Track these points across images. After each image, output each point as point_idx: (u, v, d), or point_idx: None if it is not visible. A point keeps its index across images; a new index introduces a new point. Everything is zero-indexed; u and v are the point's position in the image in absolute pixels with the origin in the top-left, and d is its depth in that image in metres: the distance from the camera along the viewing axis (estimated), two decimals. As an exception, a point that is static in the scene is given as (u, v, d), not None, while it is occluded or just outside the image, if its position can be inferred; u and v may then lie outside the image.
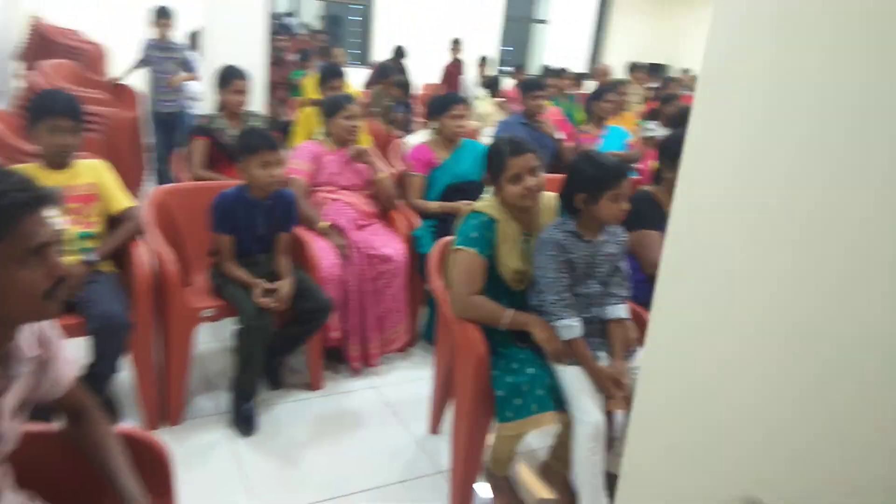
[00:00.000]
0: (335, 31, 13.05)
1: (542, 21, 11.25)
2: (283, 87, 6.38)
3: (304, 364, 2.93)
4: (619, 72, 8.19)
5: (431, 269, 2.44)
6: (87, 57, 6.28)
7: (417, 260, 3.20)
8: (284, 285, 2.57)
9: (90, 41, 7.10)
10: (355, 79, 7.83)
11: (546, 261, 2.09)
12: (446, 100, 3.45)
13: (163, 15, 5.59)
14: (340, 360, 3.07)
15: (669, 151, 2.59)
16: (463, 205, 3.26)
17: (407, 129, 5.73)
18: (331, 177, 3.18)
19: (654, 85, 8.83)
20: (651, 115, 5.99)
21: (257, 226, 2.67)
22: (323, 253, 2.90)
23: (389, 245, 3.06)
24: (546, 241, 2.10)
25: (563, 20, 8.19)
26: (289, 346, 2.79)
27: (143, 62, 5.70)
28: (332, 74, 4.01)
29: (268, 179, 2.57)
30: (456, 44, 7.71)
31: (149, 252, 2.50)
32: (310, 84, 5.38)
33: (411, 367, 3.18)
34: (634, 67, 8.28)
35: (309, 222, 3.04)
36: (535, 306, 2.19)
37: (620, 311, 2.18)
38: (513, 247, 2.22)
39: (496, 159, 2.22)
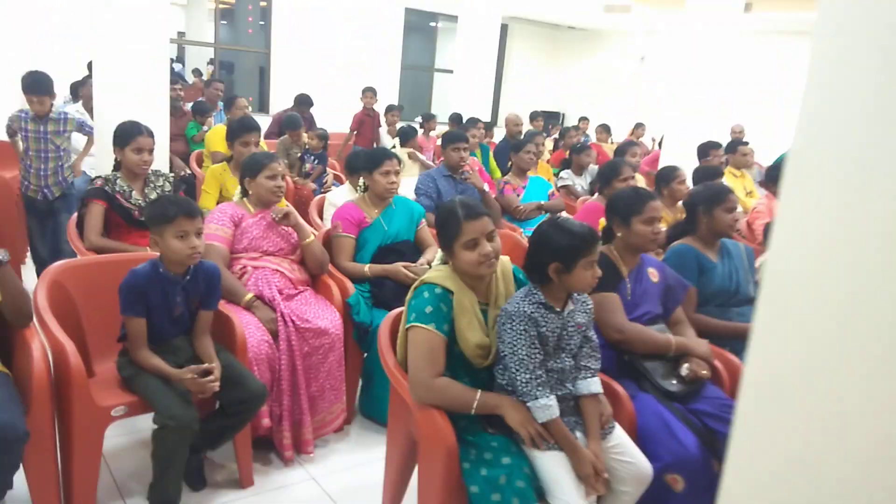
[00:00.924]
0: (229, 79, 12.62)
1: (447, 71, 11.36)
2: (180, 139, 5.96)
3: (232, 458, 2.57)
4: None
5: (382, 347, 2.20)
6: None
7: (352, 329, 2.94)
8: (215, 369, 2.25)
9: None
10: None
11: (516, 336, 1.91)
12: (376, 155, 3.26)
13: (36, 89, 3.88)
14: (271, 449, 2.73)
15: (617, 209, 2.51)
16: (401, 266, 3.06)
17: (320, 183, 5.47)
18: (253, 242, 2.88)
19: (554, 135, 9.06)
20: (563, 165, 6.07)
21: (175, 305, 2.33)
22: (250, 330, 2.59)
23: (323, 316, 2.79)
24: (514, 315, 1.93)
25: (466, 69, 8.22)
26: (214, 442, 2.44)
27: (9, 135, 4.36)
28: (245, 128, 3.70)
29: (187, 252, 2.26)
30: (369, 92, 7.54)
31: (43, 344, 2.11)
32: (215, 138, 5.03)
33: (352, 448, 2.89)
34: (535, 116, 8.44)
35: (231, 295, 2.72)
36: (503, 385, 2.00)
37: (594, 385, 2.03)
38: (472, 319, 2.03)
39: (449, 224, 2.04)
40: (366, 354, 3.02)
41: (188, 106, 7.13)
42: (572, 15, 12.80)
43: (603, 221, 3.57)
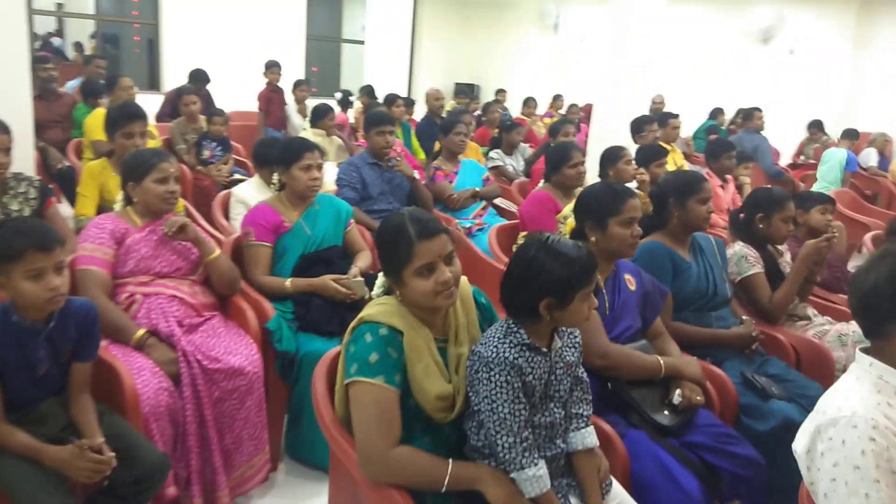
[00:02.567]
0: (115, 55, 11.43)
1: (358, 42, 10.66)
2: (57, 126, 5.13)
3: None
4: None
5: (318, 399, 1.73)
6: None
7: (274, 359, 2.45)
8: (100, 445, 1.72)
9: None
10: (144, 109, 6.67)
11: (495, 390, 1.49)
12: (293, 146, 2.72)
13: None
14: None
15: (590, 209, 2.13)
16: (329, 279, 2.57)
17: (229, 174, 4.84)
18: (141, 262, 2.31)
19: (475, 111, 8.66)
20: (492, 143, 5.67)
21: (37, 362, 1.77)
22: (143, 377, 2.05)
23: (236, 350, 2.27)
24: (492, 363, 1.50)
25: (379, 40, 7.65)
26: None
27: None
28: (126, 116, 3.04)
29: (44, 296, 1.69)
30: (273, 67, 6.84)
31: None
32: (94, 124, 4.28)
33: (281, 502, 2.41)
34: (459, 91, 8.00)
35: (117, 333, 2.16)
36: (477, 448, 1.58)
37: (589, 437, 1.64)
38: (429, 364, 1.59)
39: (397, 245, 1.58)
40: (292, 386, 2.53)
41: (68, 86, 6.25)
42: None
43: (564, 217, 3.22)
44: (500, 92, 10.31)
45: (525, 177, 4.81)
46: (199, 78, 6.47)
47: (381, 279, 1.72)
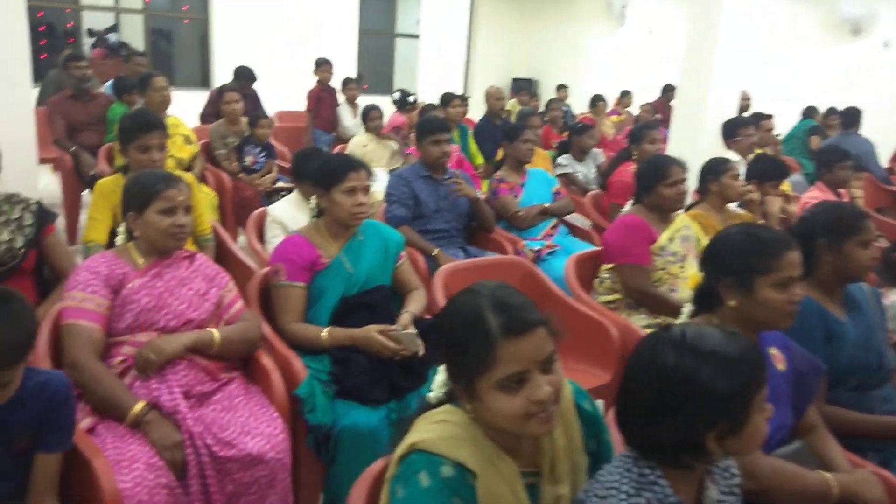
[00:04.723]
0: (166, 50, 11.24)
1: (412, 36, 10.17)
2: (92, 128, 4.79)
3: None
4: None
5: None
6: None
7: (305, 434, 1.96)
8: None
9: None
10: (193, 107, 6.33)
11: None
12: (334, 166, 2.23)
13: None
14: None
15: (730, 262, 1.56)
16: (374, 331, 2.07)
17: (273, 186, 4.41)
18: (142, 316, 1.84)
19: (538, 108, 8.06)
20: (560, 148, 5.09)
21: None
22: (133, 473, 1.58)
23: (256, 429, 1.79)
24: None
25: (434, 34, 7.14)
26: None
27: None
28: (140, 127, 2.56)
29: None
30: (324, 65, 6.40)
31: None
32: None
33: None
34: (519, 88, 7.41)
35: (109, 409, 1.71)
36: None
37: None
38: None
39: (470, 341, 1.06)
40: (329, 464, 2.04)
41: (105, 87, 5.93)
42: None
43: (661, 249, 2.64)
44: (561, 88, 9.65)
45: (600, 188, 4.21)
46: (243, 75, 6.07)
47: (440, 377, 1.21)
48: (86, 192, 2.53)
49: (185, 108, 6.28)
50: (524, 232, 3.56)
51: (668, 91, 8.01)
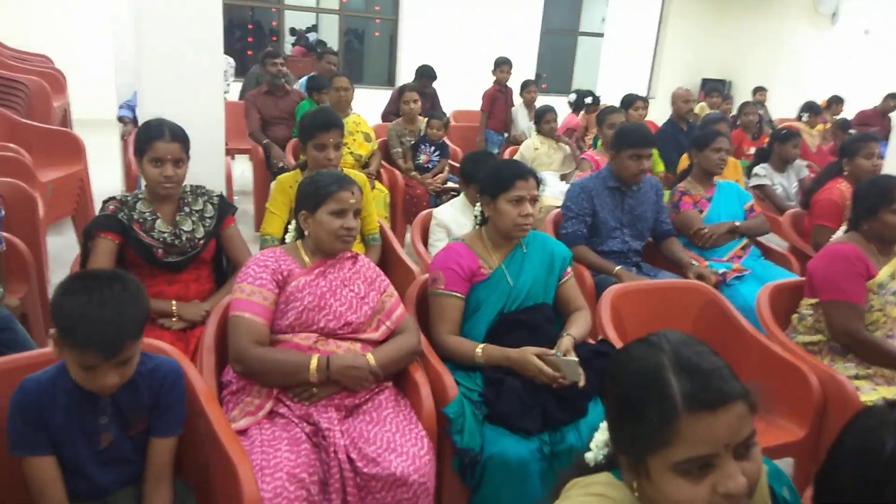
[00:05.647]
0: (357, 49, 11.85)
1: (597, 34, 9.83)
2: (283, 123, 5.10)
3: None
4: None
5: None
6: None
7: (451, 454, 1.86)
8: None
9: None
10: (379, 105, 6.55)
11: None
12: (502, 172, 2.11)
13: None
14: None
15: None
16: (532, 356, 1.92)
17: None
18: (303, 315, 1.84)
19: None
20: (758, 156, 4.57)
21: (98, 429, 1.40)
22: (275, 483, 1.56)
23: (401, 447, 1.71)
24: None
25: (620, 32, 6.79)
26: None
27: None
28: (317, 126, 2.61)
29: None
30: (503, 65, 6.33)
31: None
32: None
33: None
34: (710, 90, 6.84)
35: (287, 379, 1.73)
36: None
37: None
38: None
39: (646, 410, 0.88)
40: (474, 490, 1.92)
41: (299, 83, 6.31)
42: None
43: (879, 286, 2.23)
44: (759, 90, 8.79)
45: (801, 207, 3.70)
46: (423, 74, 6.16)
47: (602, 436, 1.03)
48: (273, 183, 2.67)
49: (372, 106, 6.54)
50: (708, 252, 3.21)
51: (891, 99, 7.00)
